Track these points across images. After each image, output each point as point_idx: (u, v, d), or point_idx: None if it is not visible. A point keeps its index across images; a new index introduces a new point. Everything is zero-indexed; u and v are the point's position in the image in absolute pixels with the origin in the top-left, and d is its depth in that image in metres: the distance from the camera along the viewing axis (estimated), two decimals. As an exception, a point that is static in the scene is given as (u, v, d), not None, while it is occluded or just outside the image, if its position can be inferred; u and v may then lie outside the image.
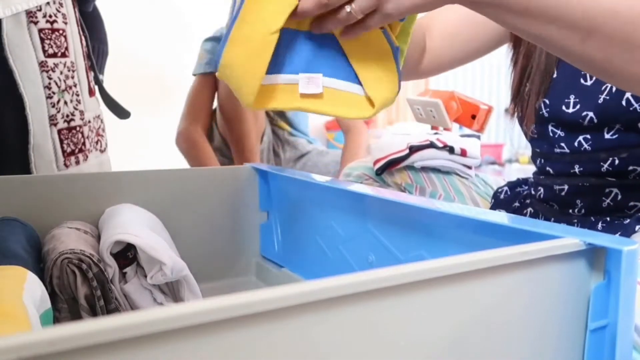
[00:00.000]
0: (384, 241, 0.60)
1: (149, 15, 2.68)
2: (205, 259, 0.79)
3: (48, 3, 0.82)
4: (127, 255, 0.60)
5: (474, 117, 1.17)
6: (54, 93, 0.82)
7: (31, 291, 0.44)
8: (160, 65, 2.71)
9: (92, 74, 0.97)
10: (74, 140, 0.86)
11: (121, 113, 1.04)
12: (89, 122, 0.91)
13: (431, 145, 0.93)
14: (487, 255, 0.32)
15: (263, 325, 0.25)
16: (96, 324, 0.21)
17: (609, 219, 0.68)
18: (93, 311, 0.54)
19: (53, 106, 0.82)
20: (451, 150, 0.92)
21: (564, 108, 0.69)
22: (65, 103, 0.84)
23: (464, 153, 0.92)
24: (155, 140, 2.60)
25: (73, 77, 0.87)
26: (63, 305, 0.54)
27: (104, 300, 0.55)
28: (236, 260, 0.84)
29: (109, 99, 1.02)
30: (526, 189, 0.84)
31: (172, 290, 0.62)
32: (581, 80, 0.68)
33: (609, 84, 0.60)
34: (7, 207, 0.64)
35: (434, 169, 0.95)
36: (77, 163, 0.87)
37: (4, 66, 0.77)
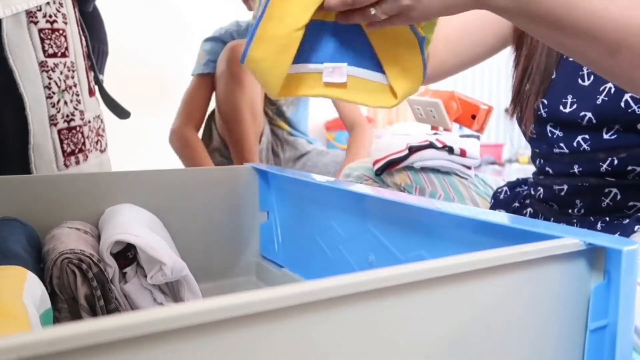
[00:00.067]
0: (384, 241, 0.60)
1: (149, 15, 2.67)
2: (205, 259, 0.79)
3: (48, 3, 0.82)
4: (127, 255, 0.60)
5: (474, 117, 1.17)
6: (54, 93, 0.82)
7: (31, 291, 0.44)
8: (160, 65, 2.71)
9: (92, 74, 0.97)
10: (74, 140, 0.86)
11: (121, 113, 1.04)
12: (89, 122, 0.91)
13: (430, 145, 0.93)
14: (487, 255, 0.32)
15: (263, 325, 0.25)
16: (96, 324, 0.21)
17: (608, 219, 0.68)
18: (93, 311, 0.54)
19: (53, 106, 0.82)
20: (450, 150, 0.92)
21: (562, 108, 0.69)
22: (65, 103, 0.84)
23: (463, 153, 0.92)
24: (155, 140, 2.59)
25: (73, 77, 0.87)
26: (63, 305, 0.54)
27: (104, 300, 0.55)
28: (236, 260, 0.84)
29: (109, 99, 1.02)
30: (526, 189, 0.84)
31: (172, 290, 0.62)
32: (579, 81, 0.68)
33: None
34: (7, 207, 0.64)
35: (433, 169, 0.95)
36: (77, 163, 0.87)
37: (4, 66, 0.77)
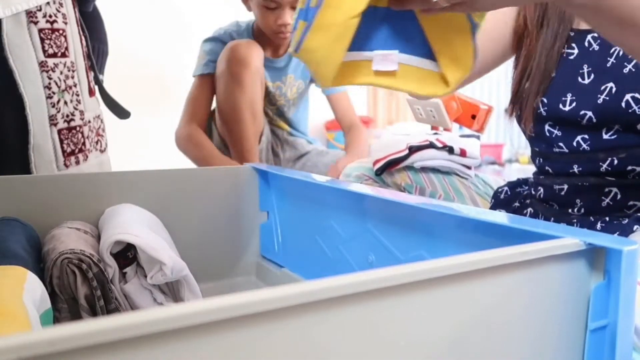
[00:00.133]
0: (384, 241, 0.60)
1: (149, 15, 2.68)
2: (205, 259, 0.79)
3: (48, 3, 0.82)
4: (127, 255, 0.60)
5: (474, 117, 1.17)
6: (54, 93, 0.82)
7: (31, 291, 0.44)
8: (160, 65, 2.71)
9: (92, 74, 0.97)
10: (74, 140, 0.86)
11: (121, 113, 1.04)
12: (89, 122, 0.91)
13: (431, 145, 0.93)
14: (487, 255, 0.32)
15: (263, 325, 0.25)
16: (96, 324, 0.21)
17: (608, 219, 0.68)
18: (93, 311, 0.54)
19: (53, 106, 0.82)
20: (450, 150, 0.92)
21: (561, 106, 0.69)
22: (65, 103, 0.84)
23: (463, 153, 0.92)
24: (155, 140, 2.60)
25: (73, 77, 0.87)
26: (63, 305, 0.54)
27: (104, 300, 0.55)
28: (236, 260, 0.84)
29: (109, 99, 1.02)
30: (526, 189, 0.84)
31: (172, 290, 0.62)
32: (579, 79, 0.68)
33: None
34: (7, 207, 0.64)
35: (433, 169, 0.95)
36: (77, 163, 0.87)
37: (4, 66, 0.77)
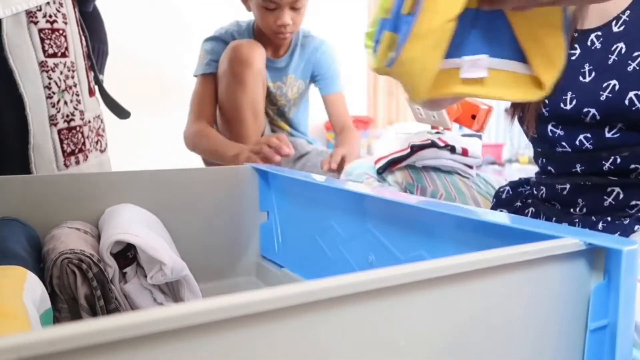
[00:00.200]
0: (384, 241, 0.60)
1: (149, 15, 2.68)
2: (205, 259, 0.79)
3: (48, 3, 0.82)
4: (127, 255, 0.60)
5: (474, 117, 1.17)
6: (54, 93, 0.82)
7: (31, 291, 0.44)
8: (160, 65, 2.72)
9: (92, 74, 0.97)
10: (74, 140, 0.86)
11: (121, 113, 1.04)
12: (89, 122, 0.91)
13: (433, 144, 0.93)
14: (487, 255, 0.32)
15: (263, 325, 0.25)
16: (96, 324, 0.21)
17: (610, 219, 0.68)
18: (93, 311, 0.54)
19: (53, 106, 0.82)
20: (452, 149, 0.92)
21: (562, 105, 0.69)
22: (65, 103, 0.84)
23: (465, 153, 0.92)
24: (155, 140, 2.60)
25: (73, 77, 0.87)
26: (63, 305, 0.54)
27: (104, 300, 0.55)
28: (236, 260, 0.84)
29: (109, 99, 1.02)
30: (528, 189, 0.84)
31: (172, 290, 0.62)
32: (580, 78, 0.68)
33: None
34: (7, 207, 0.64)
35: (435, 168, 0.95)
36: (77, 163, 0.87)
37: (4, 66, 0.77)
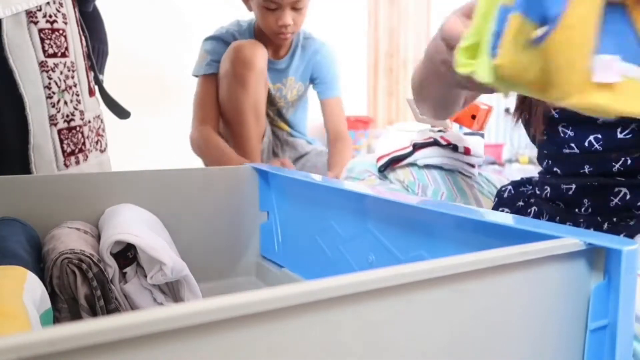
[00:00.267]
0: (384, 241, 0.60)
1: (149, 15, 2.68)
2: (205, 259, 0.79)
3: (48, 3, 0.82)
4: (127, 255, 0.60)
5: (474, 117, 1.17)
6: (54, 93, 0.82)
7: (31, 291, 0.44)
8: (160, 65, 2.72)
9: (92, 74, 0.97)
10: (74, 140, 0.86)
11: (121, 113, 1.04)
12: (89, 122, 0.91)
13: (435, 143, 0.92)
14: (487, 255, 0.32)
15: (263, 325, 0.25)
16: (96, 324, 0.21)
17: (615, 220, 0.68)
18: (93, 311, 0.54)
19: (53, 106, 0.82)
20: (455, 148, 0.92)
21: None
22: (65, 103, 0.84)
23: (467, 151, 0.92)
24: (155, 140, 2.60)
25: (73, 77, 0.87)
26: (63, 305, 0.54)
27: (104, 300, 0.55)
28: (236, 260, 0.84)
29: (109, 99, 1.02)
30: (530, 188, 0.83)
31: (172, 290, 0.62)
32: None
33: None
34: (7, 207, 0.64)
35: (437, 166, 0.95)
36: (77, 163, 0.87)
37: (4, 66, 0.77)
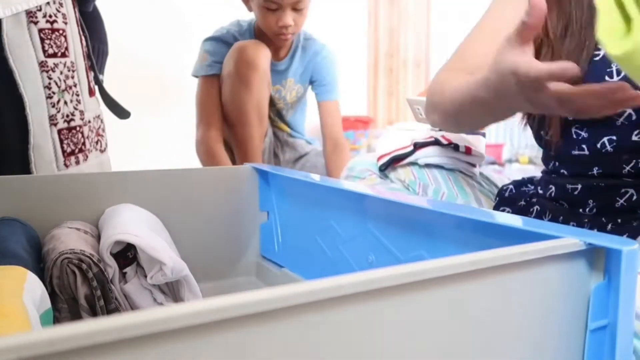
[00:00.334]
0: (384, 241, 0.60)
1: (149, 15, 2.68)
2: (205, 259, 0.79)
3: (48, 3, 0.82)
4: (127, 255, 0.60)
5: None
6: (54, 93, 0.82)
7: (31, 291, 0.44)
8: (160, 65, 2.71)
9: (92, 74, 0.97)
10: (74, 140, 0.86)
11: (121, 113, 1.04)
12: (89, 122, 0.91)
13: (436, 142, 0.92)
14: (487, 255, 0.32)
15: (263, 325, 0.25)
16: (96, 324, 0.21)
17: (619, 220, 0.67)
18: (93, 311, 0.54)
19: (53, 106, 0.82)
20: (456, 147, 0.92)
21: None
22: (65, 103, 0.84)
23: (468, 151, 0.92)
24: (155, 140, 2.60)
25: (73, 77, 0.87)
26: (63, 305, 0.54)
27: (104, 300, 0.55)
28: (236, 260, 0.84)
29: (109, 99, 1.02)
30: (532, 188, 0.83)
31: (172, 290, 0.62)
32: (607, 78, 0.65)
33: None
34: (7, 207, 0.64)
35: (437, 166, 0.94)
36: (77, 163, 0.87)
37: (4, 66, 0.77)
